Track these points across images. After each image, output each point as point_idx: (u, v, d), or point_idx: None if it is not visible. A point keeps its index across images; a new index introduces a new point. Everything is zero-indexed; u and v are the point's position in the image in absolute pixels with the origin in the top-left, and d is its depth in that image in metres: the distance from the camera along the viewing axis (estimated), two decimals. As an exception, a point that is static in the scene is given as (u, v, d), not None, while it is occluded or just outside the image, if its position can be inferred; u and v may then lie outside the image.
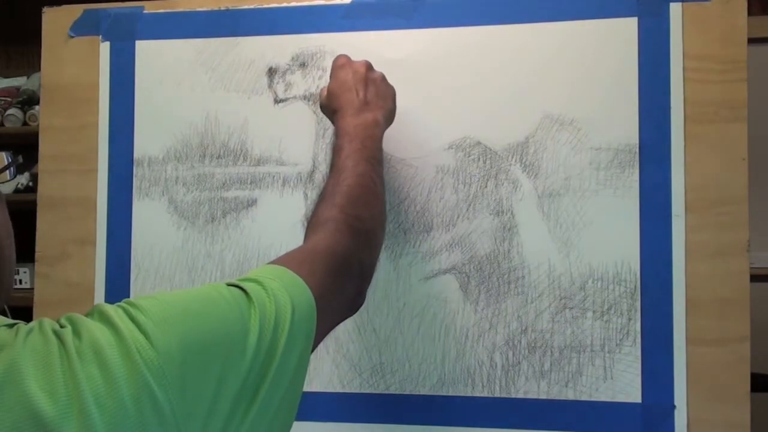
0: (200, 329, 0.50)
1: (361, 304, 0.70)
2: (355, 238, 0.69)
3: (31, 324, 0.48)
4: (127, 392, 0.44)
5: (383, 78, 0.85)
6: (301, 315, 0.56)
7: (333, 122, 0.82)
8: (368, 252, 0.72)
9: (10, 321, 0.49)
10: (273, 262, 0.62)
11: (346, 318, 0.70)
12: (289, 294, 0.56)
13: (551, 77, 0.89)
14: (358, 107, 0.79)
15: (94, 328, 0.47)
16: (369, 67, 0.84)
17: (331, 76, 0.84)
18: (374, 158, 0.77)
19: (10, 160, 2.32)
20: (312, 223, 0.71)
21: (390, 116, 0.85)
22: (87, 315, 0.50)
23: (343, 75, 0.82)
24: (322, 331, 0.60)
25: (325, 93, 0.84)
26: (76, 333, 0.47)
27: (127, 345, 0.46)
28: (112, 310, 0.49)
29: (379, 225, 0.76)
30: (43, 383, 0.43)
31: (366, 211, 0.73)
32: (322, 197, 0.73)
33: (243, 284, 0.55)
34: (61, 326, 0.48)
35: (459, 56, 0.91)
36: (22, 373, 0.44)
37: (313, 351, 0.58)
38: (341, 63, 0.83)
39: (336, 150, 0.77)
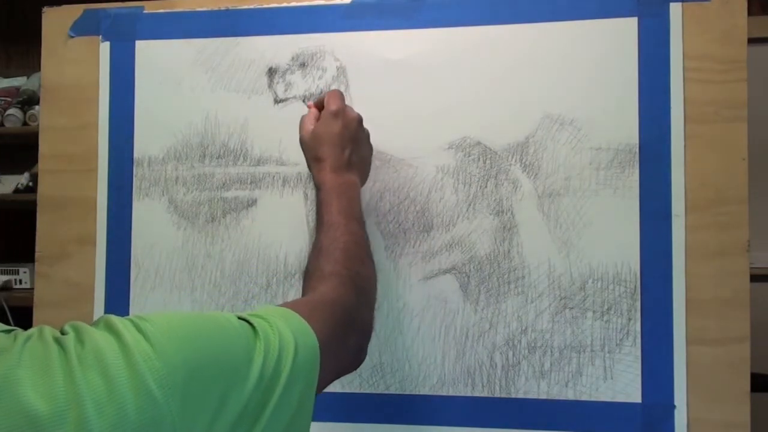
0: (206, 349, 0.50)
1: (363, 360, 0.72)
2: (357, 294, 0.70)
3: (31, 330, 0.48)
4: (129, 400, 0.44)
5: (368, 138, 0.85)
6: (304, 357, 0.56)
7: (311, 168, 0.82)
8: (368, 309, 0.74)
9: (7, 327, 0.49)
10: (281, 305, 0.63)
11: (348, 372, 0.71)
12: (294, 334, 0.56)
13: (551, 77, 0.89)
14: (341, 166, 0.80)
15: (98, 336, 0.47)
16: (360, 123, 0.83)
17: (321, 117, 0.82)
18: (361, 218, 0.79)
19: None
20: (314, 276, 0.72)
21: (364, 180, 0.86)
22: (93, 324, 0.50)
23: (335, 126, 0.81)
24: (324, 379, 0.60)
25: (310, 129, 0.82)
26: (80, 340, 0.47)
27: (131, 354, 0.46)
28: (119, 321, 0.50)
29: (374, 284, 0.77)
30: (41, 388, 0.43)
31: (364, 269, 0.74)
32: (319, 251, 0.74)
33: (250, 319, 0.56)
34: (64, 333, 0.48)
35: (459, 56, 0.91)
36: (19, 378, 0.43)
37: (317, 395, 0.59)
38: (335, 110, 0.81)
39: (323, 204, 0.77)
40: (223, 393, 0.50)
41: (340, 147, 0.80)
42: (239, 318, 0.56)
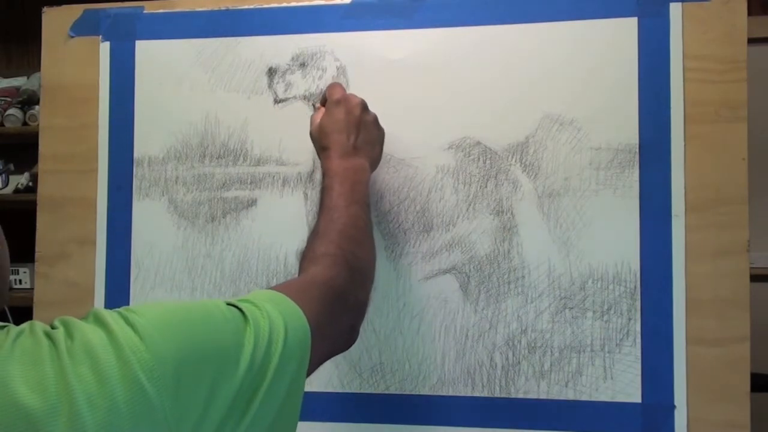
0: (196, 337, 0.51)
1: (355, 340, 0.72)
2: (351, 274, 0.71)
3: (22, 326, 0.49)
4: (120, 392, 0.45)
5: (375, 121, 0.85)
6: (295, 338, 0.57)
7: (320, 158, 0.83)
8: (362, 289, 0.74)
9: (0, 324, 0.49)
10: (271, 288, 0.63)
11: (340, 352, 0.71)
12: (283, 317, 0.57)
13: (551, 77, 0.89)
14: (347, 151, 0.80)
15: (87, 329, 0.48)
16: (364, 108, 0.83)
17: (325, 109, 0.84)
18: (364, 201, 0.79)
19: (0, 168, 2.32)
20: (308, 257, 0.72)
21: (375, 163, 0.86)
22: (83, 318, 0.50)
23: (338, 114, 0.82)
24: (316, 359, 0.61)
25: (317, 122, 0.83)
26: (69, 334, 0.47)
27: (120, 346, 0.47)
28: (108, 314, 0.50)
29: (371, 265, 0.78)
30: (33, 383, 0.44)
31: (360, 250, 0.74)
32: (316, 234, 0.75)
33: (239, 304, 0.56)
34: (54, 328, 0.49)
35: (459, 56, 0.91)
36: (11, 373, 0.44)
37: (308, 376, 0.59)
38: (337, 99, 0.83)
39: (326, 190, 0.78)
40: (215, 380, 0.50)
41: (345, 133, 0.81)
42: (228, 304, 0.56)
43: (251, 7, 0.96)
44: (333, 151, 0.80)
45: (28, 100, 2.31)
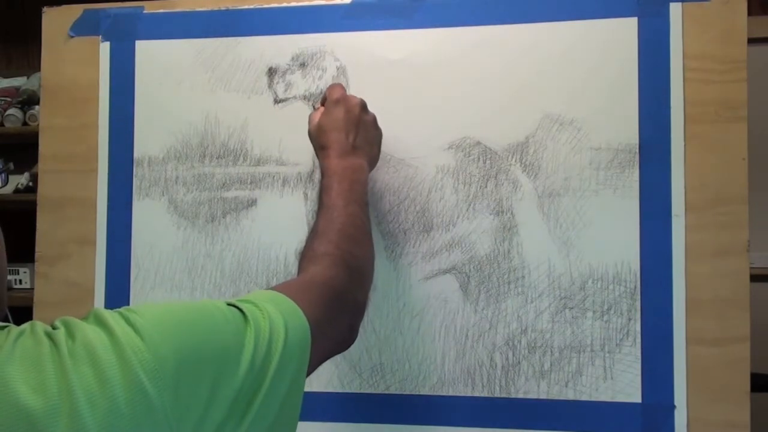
0: (196, 338, 0.51)
1: (354, 340, 0.72)
2: (350, 274, 0.71)
3: (23, 326, 0.49)
4: (120, 392, 0.45)
5: (374, 121, 0.85)
6: (295, 338, 0.57)
7: (318, 157, 0.83)
8: (361, 289, 0.74)
9: (1, 324, 0.49)
10: (271, 288, 0.63)
11: (339, 351, 0.72)
12: (284, 317, 0.57)
13: (551, 77, 0.89)
14: (346, 150, 0.80)
15: (88, 330, 0.48)
16: (363, 107, 0.84)
17: (324, 108, 0.84)
18: (362, 200, 0.79)
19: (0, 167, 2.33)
20: (307, 257, 0.73)
21: (373, 163, 0.86)
22: (83, 318, 0.50)
23: (337, 113, 0.82)
24: (316, 359, 0.61)
25: (316, 121, 0.83)
26: (70, 334, 0.47)
27: (121, 346, 0.47)
28: (108, 314, 0.50)
29: (370, 265, 0.78)
30: (33, 383, 0.44)
31: (359, 250, 0.75)
32: (315, 233, 0.75)
33: (239, 304, 0.56)
34: (54, 328, 0.49)
35: (459, 56, 0.91)
36: (11, 374, 0.44)
37: (307, 376, 0.59)
38: (336, 98, 0.83)
39: (325, 188, 0.78)
40: (215, 381, 0.50)
41: (343, 132, 0.81)
42: (229, 304, 0.56)
43: (251, 7, 0.96)
44: (332, 150, 0.80)
45: (28, 100, 2.32)
